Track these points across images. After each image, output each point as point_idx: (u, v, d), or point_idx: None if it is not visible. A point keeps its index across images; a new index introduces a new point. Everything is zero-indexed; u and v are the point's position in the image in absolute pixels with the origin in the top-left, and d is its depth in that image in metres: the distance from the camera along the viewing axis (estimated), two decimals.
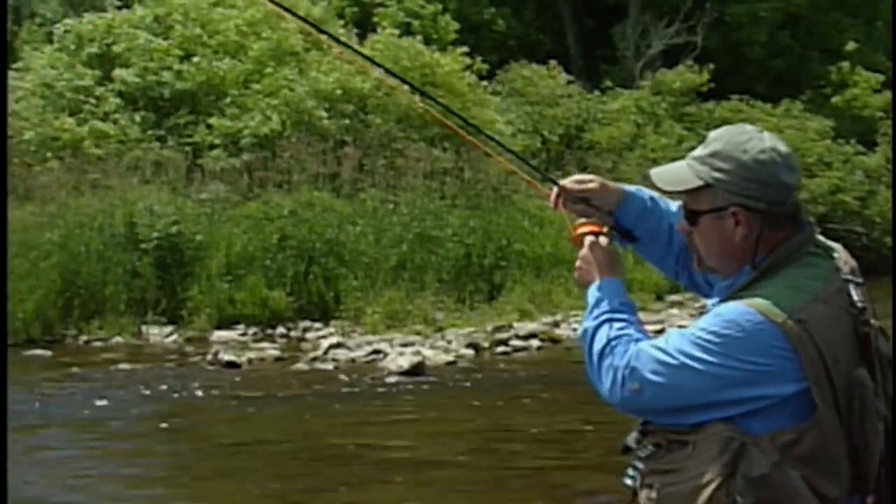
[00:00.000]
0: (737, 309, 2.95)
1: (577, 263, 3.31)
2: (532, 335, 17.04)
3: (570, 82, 28.30)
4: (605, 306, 3.15)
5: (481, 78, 25.29)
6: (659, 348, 3.00)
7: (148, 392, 13.83)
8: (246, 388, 13.97)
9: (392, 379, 14.44)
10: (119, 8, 25.34)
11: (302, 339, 17.27)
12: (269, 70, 22.29)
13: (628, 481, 3.09)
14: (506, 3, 33.70)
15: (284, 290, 18.33)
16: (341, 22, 25.32)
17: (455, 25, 27.75)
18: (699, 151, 3.09)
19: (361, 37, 24.34)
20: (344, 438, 11.64)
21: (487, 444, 11.52)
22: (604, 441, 10.59)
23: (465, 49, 25.07)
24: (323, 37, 18.37)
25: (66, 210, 18.74)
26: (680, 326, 3.75)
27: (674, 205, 3.37)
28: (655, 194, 3.37)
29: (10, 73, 24.40)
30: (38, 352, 16.54)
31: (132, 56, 22.50)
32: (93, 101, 21.88)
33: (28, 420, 12.63)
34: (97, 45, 22.94)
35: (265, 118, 21.20)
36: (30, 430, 12.15)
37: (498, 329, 17.15)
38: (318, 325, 17.91)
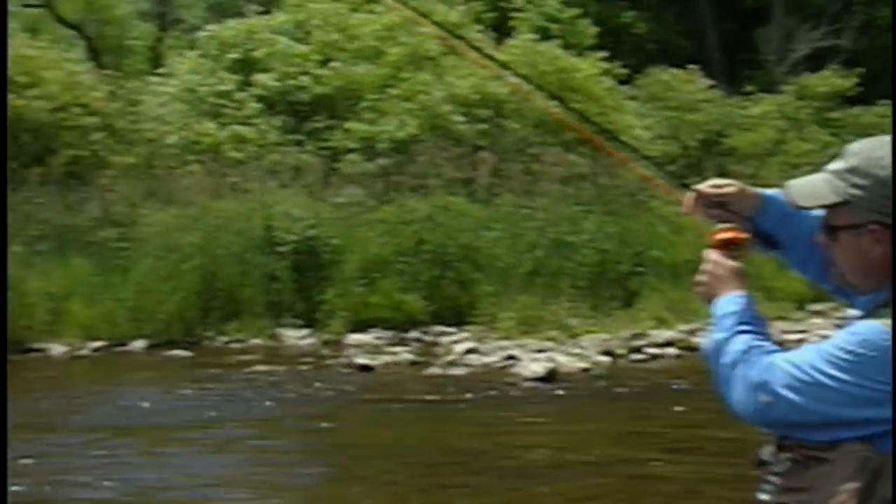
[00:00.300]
0: (873, 328, 2.86)
1: (702, 278, 3.24)
2: (669, 343, 16.83)
3: (710, 87, 27.93)
4: (735, 318, 3.08)
5: (620, 82, 25.08)
6: (792, 363, 2.92)
7: (283, 394, 13.96)
8: (380, 392, 14.05)
9: (525, 385, 14.38)
10: (260, 14, 25.63)
11: (436, 344, 17.23)
12: (406, 75, 22.36)
13: (763, 496, 3.03)
14: (646, 6, 33.39)
15: (419, 294, 18.34)
16: (478, 27, 25.26)
17: (594, 30, 27.53)
18: (838, 165, 3.00)
19: (498, 41, 24.27)
20: (476, 444, 11.61)
21: (621, 452, 11.40)
22: (737, 453, 10.41)
23: (603, 53, 24.90)
24: (457, 42, 18.36)
25: (206, 213, 18.94)
26: (822, 337, 3.64)
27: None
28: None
29: (154, 78, 24.84)
30: (179, 352, 16.83)
31: (272, 61, 22.72)
32: (233, 105, 22.12)
33: (167, 420, 12.85)
34: (238, 51, 23.19)
35: (402, 123, 21.25)
36: (169, 430, 12.36)
37: (634, 336, 16.98)
38: (451, 329, 17.83)
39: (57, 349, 16.89)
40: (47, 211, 18.63)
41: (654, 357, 16.35)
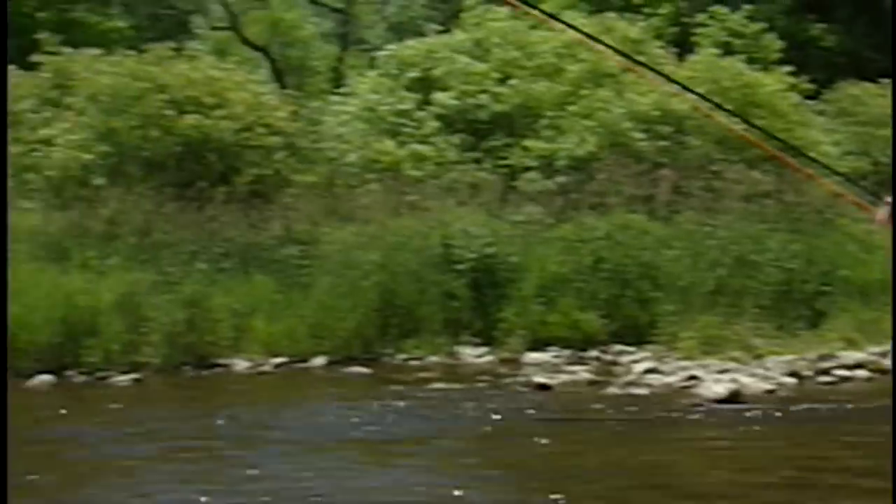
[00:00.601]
0: None
1: None
2: (859, 365, 16.36)
3: None
4: None
5: (807, 98, 24.54)
6: None
7: (461, 412, 13.95)
8: (558, 411, 13.96)
9: (707, 406, 14.13)
10: (439, 33, 25.72)
11: (615, 363, 17.06)
12: (585, 92, 22.23)
13: None
14: (836, 19, 32.63)
15: (597, 312, 18.19)
16: (659, 42, 25.02)
17: (779, 44, 26.99)
18: None
19: (680, 57, 24.00)
20: (656, 464, 11.46)
21: (806, 476, 11.10)
22: None
23: (789, 68, 24.38)
24: (633, 64, 18.23)
25: (385, 231, 19.05)
26: None
27: None
28: None
29: (335, 98, 25.14)
30: (358, 369, 16.95)
31: (451, 80, 22.80)
32: (412, 124, 22.24)
33: (349, 434, 12.92)
34: (418, 70, 23.32)
35: (581, 140, 21.15)
36: (350, 444, 12.42)
37: (821, 358, 16.56)
38: (631, 348, 17.64)
39: (240, 365, 17.17)
40: (231, 229, 18.92)
41: (844, 380, 15.91)
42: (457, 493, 10.62)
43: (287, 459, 11.84)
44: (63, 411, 14.63)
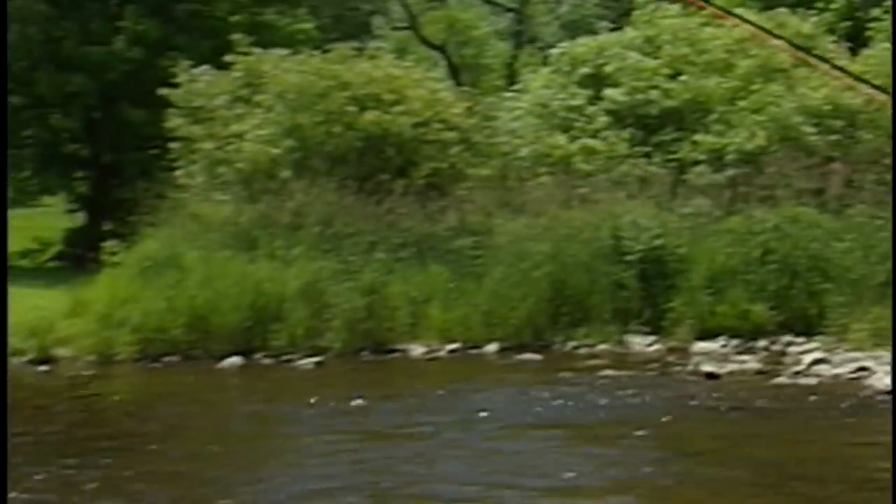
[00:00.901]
0: None
1: None
2: None
3: None
4: None
5: None
6: None
7: (631, 399, 13.85)
8: (726, 399, 13.72)
9: (878, 398, 13.75)
10: (611, 30, 25.53)
11: (783, 353, 16.77)
12: (755, 87, 21.83)
13: None
14: None
15: (766, 303, 17.89)
16: (831, 37, 24.44)
17: None
18: None
19: (853, 51, 23.42)
20: (824, 455, 11.23)
21: None
22: None
23: None
24: (810, 56, 17.89)
25: (556, 223, 19.00)
26: None
27: None
28: None
29: (509, 94, 25.13)
30: (529, 356, 16.99)
31: (622, 76, 22.59)
32: (583, 119, 22.11)
33: (521, 420, 12.91)
34: (589, 66, 23.15)
35: (751, 134, 20.77)
36: (522, 428, 12.39)
37: None
38: (800, 339, 17.31)
39: (416, 350, 17.34)
40: (409, 220, 19.04)
41: None
42: (643, 472, 10.57)
43: (469, 442, 11.89)
44: (253, 391, 14.94)
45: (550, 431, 12.32)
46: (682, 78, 22.36)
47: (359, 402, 13.74)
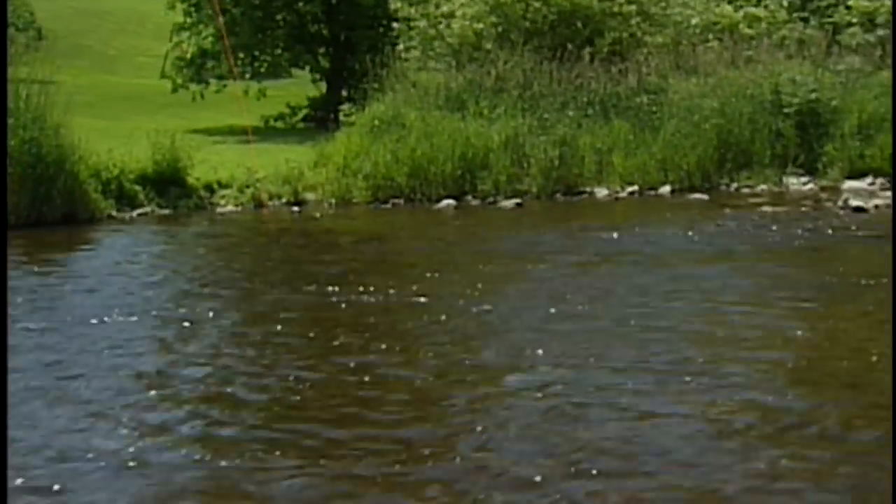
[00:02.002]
0: None
1: None
2: None
3: None
4: None
5: None
6: None
7: (789, 230, 13.68)
8: (872, 229, 13.49)
9: None
10: None
11: None
12: None
13: None
14: None
15: None
16: None
17: None
18: None
19: None
20: None
21: None
22: None
23: None
24: None
25: (723, 82, 18.69)
26: None
27: None
28: None
29: None
30: (699, 196, 16.91)
31: None
32: None
33: (692, 247, 12.79)
34: None
35: None
36: (692, 256, 12.27)
37: None
38: None
39: (601, 192, 17.34)
40: (595, 83, 18.93)
41: None
42: (792, 293, 10.38)
43: (639, 269, 11.83)
44: (465, 225, 15.09)
45: (716, 260, 12.16)
46: None
47: (553, 235, 13.82)
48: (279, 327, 9.49)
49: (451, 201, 16.79)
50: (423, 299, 10.35)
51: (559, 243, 13.38)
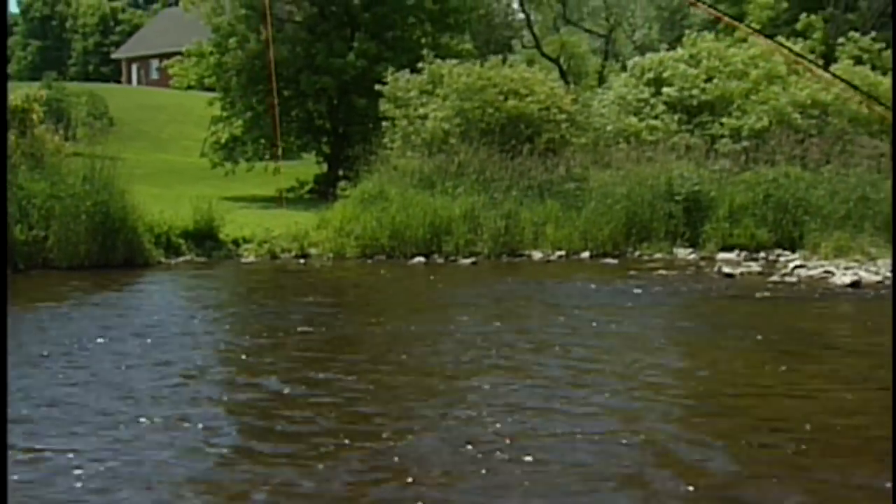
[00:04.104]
0: None
1: None
2: None
3: None
4: None
5: None
6: None
7: (677, 289, 13.81)
8: (738, 290, 13.62)
9: (838, 290, 13.55)
10: (668, 49, 24.96)
11: (776, 261, 16.48)
12: (762, 87, 21.28)
13: None
14: None
15: (766, 229, 17.60)
16: (812, 55, 23.56)
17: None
18: None
19: (826, 65, 22.57)
20: (803, 326, 11.13)
21: None
22: None
23: None
24: (801, 62, 17.38)
25: (630, 174, 18.72)
26: None
27: None
28: None
29: (599, 90, 24.80)
30: (609, 260, 16.94)
31: (674, 79, 22.15)
32: (648, 107, 21.78)
33: (604, 301, 12.94)
34: (653, 73, 22.73)
35: (758, 118, 20.31)
36: (604, 307, 12.42)
37: None
38: (787, 252, 17.02)
39: (537, 255, 17.34)
40: (533, 171, 18.93)
41: None
42: (676, 334, 10.59)
43: (568, 312, 11.98)
44: (432, 278, 15.20)
45: (622, 309, 12.33)
46: (714, 81, 21.87)
47: (499, 286, 13.97)
48: (287, 341, 9.63)
49: (421, 258, 16.85)
50: (397, 326, 10.53)
51: (503, 290, 13.55)
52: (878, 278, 14.37)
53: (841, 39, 25.78)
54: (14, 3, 74.97)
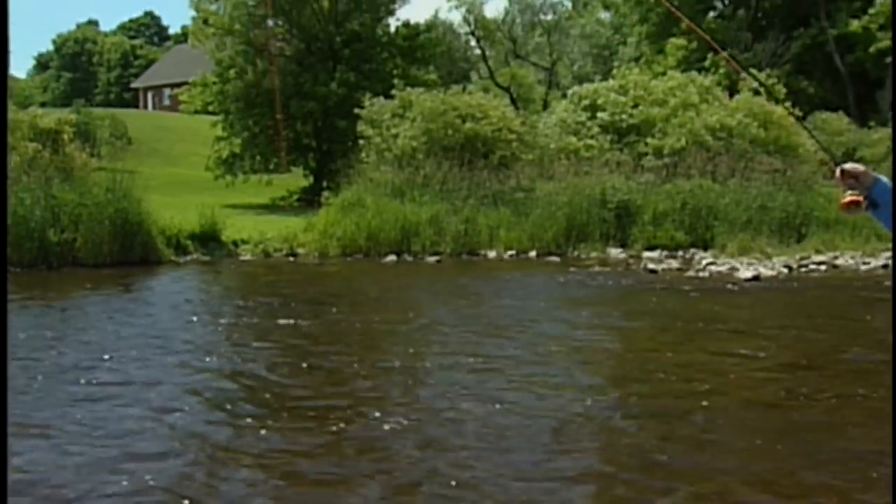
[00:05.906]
0: None
1: (846, 202, 2.95)
2: (822, 263, 15.69)
3: (849, 123, 25.90)
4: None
5: (797, 119, 22.94)
6: None
7: (609, 283, 13.93)
8: (661, 284, 13.79)
9: (742, 283, 13.80)
10: (601, 80, 25.24)
11: (692, 259, 16.69)
12: (679, 113, 21.58)
13: None
14: (815, 78, 31.60)
15: (684, 231, 17.84)
16: (720, 88, 23.82)
17: (784, 90, 25.13)
18: None
19: (730, 96, 22.87)
20: (711, 311, 11.29)
21: (791, 321, 10.78)
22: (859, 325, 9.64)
23: (789, 104, 22.79)
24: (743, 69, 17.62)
25: (570, 185, 18.82)
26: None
27: None
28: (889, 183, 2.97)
29: (544, 114, 24.99)
30: (553, 258, 17.01)
31: (607, 106, 22.41)
32: (585, 129, 22.02)
33: (552, 293, 13.08)
34: (589, 100, 22.97)
35: (677, 139, 20.61)
36: (554, 299, 12.55)
37: (802, 259, 15.93)
38: (701, 252, 17.26)
39: (491, 254, 17.41)
40: (488, 182, 19.04)
41: (812, 271, 15.28)
42: (608, 319, 10.78)
43: (517, 302, 12.10)
44: (402, 273, 15.23)
45: (566, 302, 12.46)
46: (640, 107, 22.15)
47: (461, 279, 14.03)
48: (279, 322, 9.67)
49: (393, 256, 16.85)
50: (369, 314, 10.60)
51: (463, 283, 13.65)
52: (774, 273, 14.70)
53: (744, 74, 26.16)
54: (49, 40, 74.96)
